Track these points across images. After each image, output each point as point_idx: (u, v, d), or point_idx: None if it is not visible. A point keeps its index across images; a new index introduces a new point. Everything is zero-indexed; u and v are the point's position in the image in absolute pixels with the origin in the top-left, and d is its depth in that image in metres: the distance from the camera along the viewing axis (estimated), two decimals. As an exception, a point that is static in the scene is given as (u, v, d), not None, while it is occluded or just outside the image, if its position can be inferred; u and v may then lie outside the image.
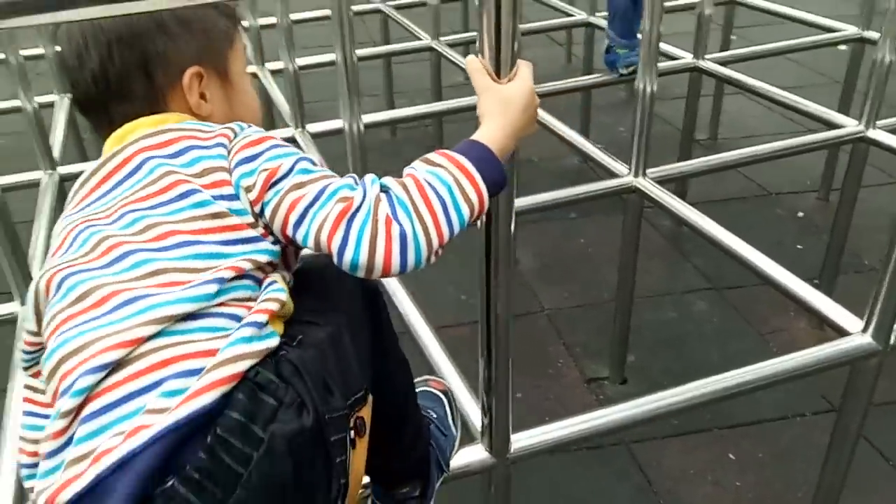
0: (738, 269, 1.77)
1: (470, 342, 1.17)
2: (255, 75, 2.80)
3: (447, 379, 1.30)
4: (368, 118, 2.06)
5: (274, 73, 2.85)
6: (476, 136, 0.84)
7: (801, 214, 3.06)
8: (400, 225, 0.74)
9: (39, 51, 2.86)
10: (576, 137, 2.38)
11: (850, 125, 2.21)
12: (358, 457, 0.78)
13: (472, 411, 1.22)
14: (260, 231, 0.79)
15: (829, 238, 2.43)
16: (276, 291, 0.76)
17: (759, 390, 1.34)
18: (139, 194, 0.79)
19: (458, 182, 0.78)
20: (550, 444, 1.24)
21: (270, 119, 2.93)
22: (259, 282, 0.77)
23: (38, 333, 0.78)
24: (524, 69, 0.86)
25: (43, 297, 0.77)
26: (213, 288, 0.72)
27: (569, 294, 2.68)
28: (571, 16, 3.73)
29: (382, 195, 0.76)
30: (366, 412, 0.80)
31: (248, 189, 0.77)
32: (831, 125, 2.27)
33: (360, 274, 0.75)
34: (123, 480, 0.62)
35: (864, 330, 1.34)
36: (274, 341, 0.72)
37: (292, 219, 0.76)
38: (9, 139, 3.62)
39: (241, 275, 0.75)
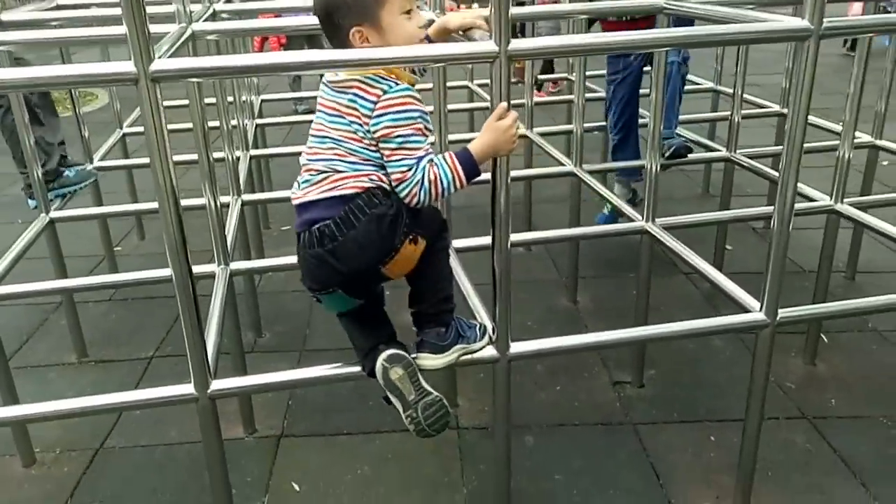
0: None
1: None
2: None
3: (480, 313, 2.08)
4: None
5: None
6: (470, 146, 1.68)
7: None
8: (419, 199, 1.64)
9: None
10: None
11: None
12: (406, 253, 1.69)
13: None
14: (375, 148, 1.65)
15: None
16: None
17: (687, 338, 2.01)
18: (340, 110, 1.65)
19: (454, 176, 1.65)
20: (541, 351, 1.97)
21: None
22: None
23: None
24: (510, 115, 1.68)
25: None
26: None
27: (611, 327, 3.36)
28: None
29: (417, 183, 1.62)
30: (420, 245, 1.71)
31: (374, 132, 1.62)
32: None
33: None
34: (311, 209, 1.68)
35: (760, 309, 2.01)
36: (384, 183, 1.66)
37: (384, 160, 1.64)
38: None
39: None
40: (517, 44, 1.62)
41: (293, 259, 2.74)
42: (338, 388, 2.93)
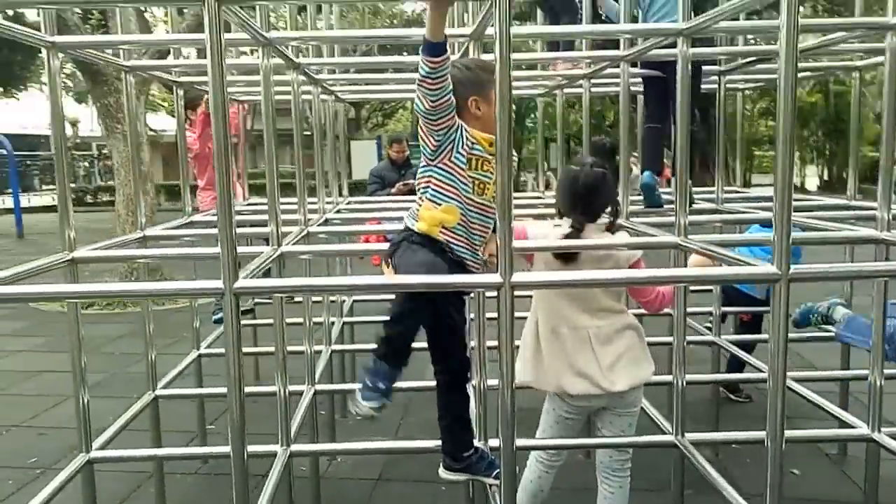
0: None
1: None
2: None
3: None
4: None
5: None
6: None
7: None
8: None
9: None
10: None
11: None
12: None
13: None
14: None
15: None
16: None
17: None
18: None
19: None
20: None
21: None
22: None
23: None
24: None
25: None
26: None
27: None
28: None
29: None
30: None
31: None
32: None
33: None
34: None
35: None
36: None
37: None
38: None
39: None
40: (519, 277, 2.03)
41: (354, 445, 3.15)
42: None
